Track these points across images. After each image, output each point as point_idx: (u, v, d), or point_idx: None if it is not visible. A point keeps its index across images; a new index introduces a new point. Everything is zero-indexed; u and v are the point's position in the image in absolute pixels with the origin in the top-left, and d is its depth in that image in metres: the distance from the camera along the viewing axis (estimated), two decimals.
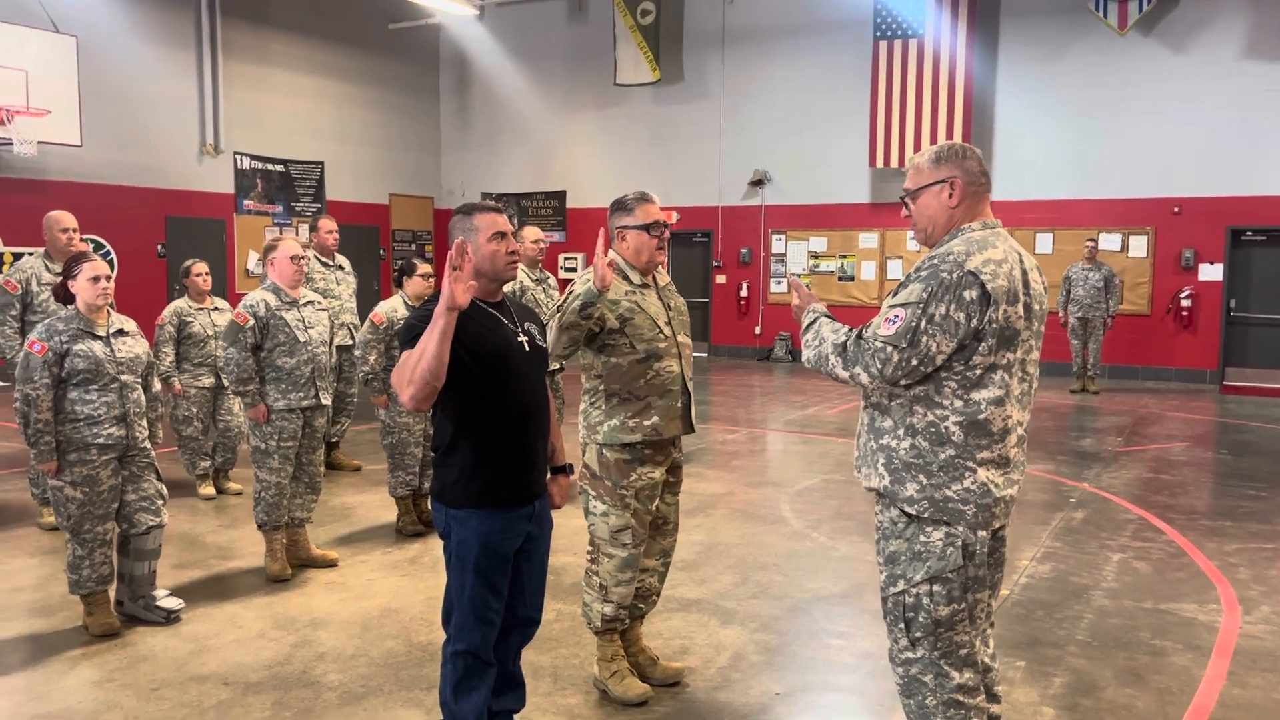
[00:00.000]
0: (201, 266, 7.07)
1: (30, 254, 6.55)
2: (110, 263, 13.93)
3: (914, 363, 2.66)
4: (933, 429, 2.73)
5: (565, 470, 3.40)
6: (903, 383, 2.73)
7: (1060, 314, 13.08)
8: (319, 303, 5.54)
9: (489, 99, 19.15)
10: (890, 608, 2.85)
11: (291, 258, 5.34)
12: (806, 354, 2.91)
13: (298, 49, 16.75)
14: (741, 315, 17.18)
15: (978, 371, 2.70)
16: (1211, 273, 14.09)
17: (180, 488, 7.24)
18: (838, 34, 15.83)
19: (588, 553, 3.95)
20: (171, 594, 4.78)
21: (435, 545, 6.00)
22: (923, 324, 2.65)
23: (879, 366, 2.69)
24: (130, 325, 4.67)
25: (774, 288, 16.86)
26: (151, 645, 4.41)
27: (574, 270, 17.60)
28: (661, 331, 3.83)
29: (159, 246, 14.70)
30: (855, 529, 6.42)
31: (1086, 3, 14.04)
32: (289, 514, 5.42)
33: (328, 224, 7.78)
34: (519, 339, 3.14)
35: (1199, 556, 5.89)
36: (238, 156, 15.86)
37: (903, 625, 2.81)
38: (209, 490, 7.03)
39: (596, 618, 3.92)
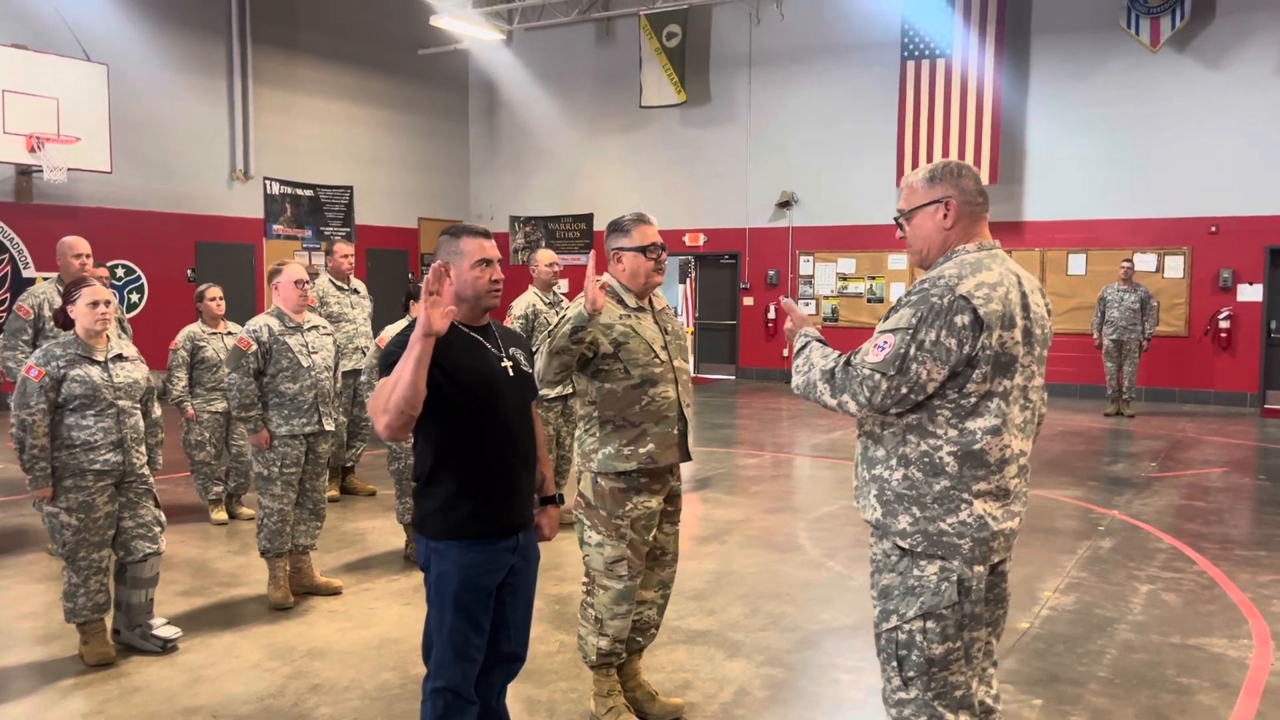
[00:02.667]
0: (215, 291, 7.06)
1: (46, 279, 6.56)
2: (140, 288, 14.09)
3: (904, 390, 2.54)
4: (926, 459, 2.60)
5: (554, 500, 3.30)
6: (893, 411, 2.61)
7: (1095, 336, 12.82)
8: (324, 327, 5.49)
9: (517, 122, 19.21)
10: (883, 645, 2.71)
11: (296, 282, 5.29)
12: (795, 380, 2.79)
13: (328, 75, 16.89)
14: (769, 337, 17.02)
15: (972, 399, 2.56)
16: (1251, 293, 13.76)
17: (193, 512, 7.22)
18: (865, 55, 15.71)
19: (583, 584, 3.84)
20: (169, 622, 4.72)
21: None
22: (912, 350, 2.52)
23: (867, 394, 2.56)
24: (130, 350, 4.63)
25: (800, 310, 16.64)
26: (146, 675, 4.34)
27: None
28: (657, 356, 3.72)
29: (189, 271, 14.81)
30: None
31: (1118, 20, 13.83)
32: (292, 541, 5.35)
33: (343, 248, 7.77)
34: (503, 365, 3.05)
35: (1231, 588, 5.67)
36: (267, 182, 15.98)
37: (895, 664, 2.67)
38: (221, 515, 6.99)
39: (592, 652, 3.80)
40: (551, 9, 17.62)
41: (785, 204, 16.62)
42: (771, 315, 16.89)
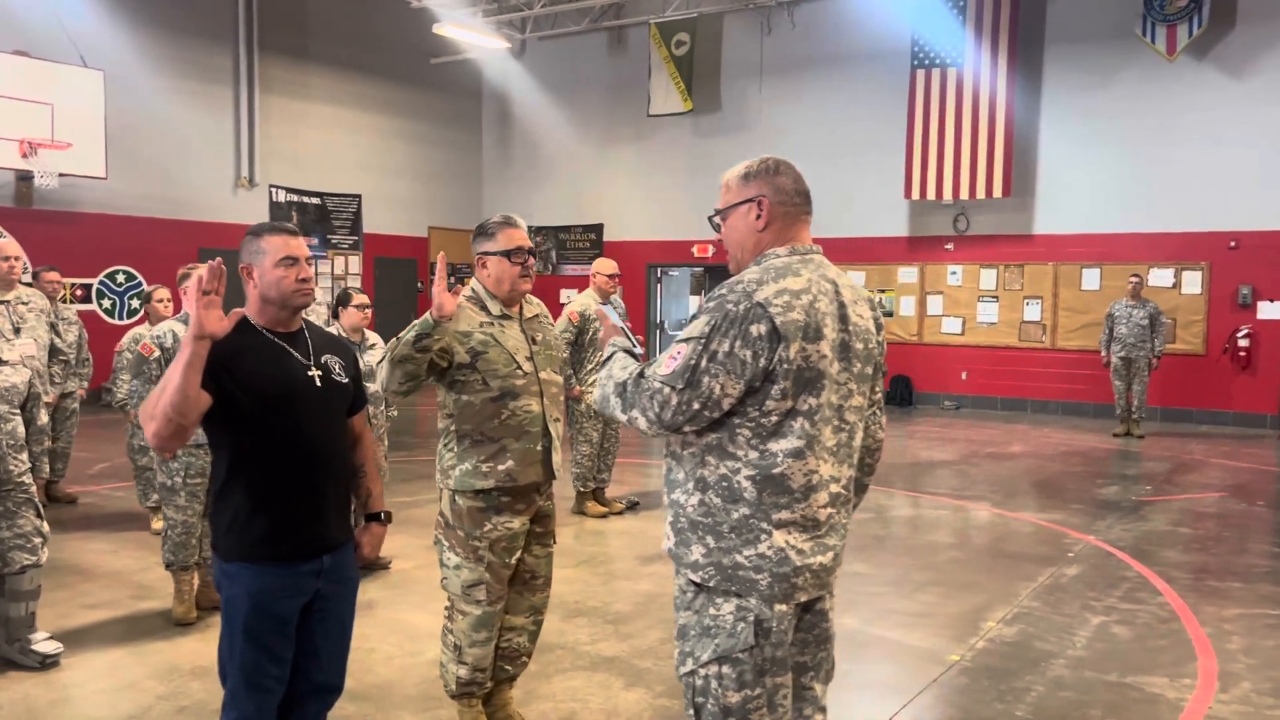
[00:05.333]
0: (163, 293, 6.94)
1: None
2: (141, 294, 14.09)
3: (696, 406, 2.29)
4: (725, 483, 2.35)
5: (379, 518, 3.08)
6: (686, 429, 2.36)
7: (1103, 354, 12.40)
8: None
9: (529, 132, 19.10)
10: (685, 690, 2.46)
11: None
12: (594, 394, 2.54)
13: (338, 83, 16.90)
14: None
15: (774, 418, 2.31)
16: (1271, 310, 13.23)
17: (137, 520, 7.09)
18: (875, 64, 15.40)
19: (444, 609, 3.63)
20: (52, 637, 4.56)
21: (362, 591, 5.72)
22: (703, 362, 2.27)
23: (656, 410, 2.32)
24: (13, 355, 4.50)
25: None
26: (11, 693, 4.18)
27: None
28: (519, 367, 3.50)
29: None
30: None
31: (1133, 28, 13.41)
32: (199, 554, 5.18)
33: None
34: (309, 373, 2.84)
35: (1191, 622, 5.32)
36: (273, 189, 15.99)
37: (692, 711, 2.42)
38: (159, 524, 6.85)
39: (451, 680, 3.59)
40: (564, 18, 17.50)
41: None
42: None
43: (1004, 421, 13.70)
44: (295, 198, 16.33)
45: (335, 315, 5.91)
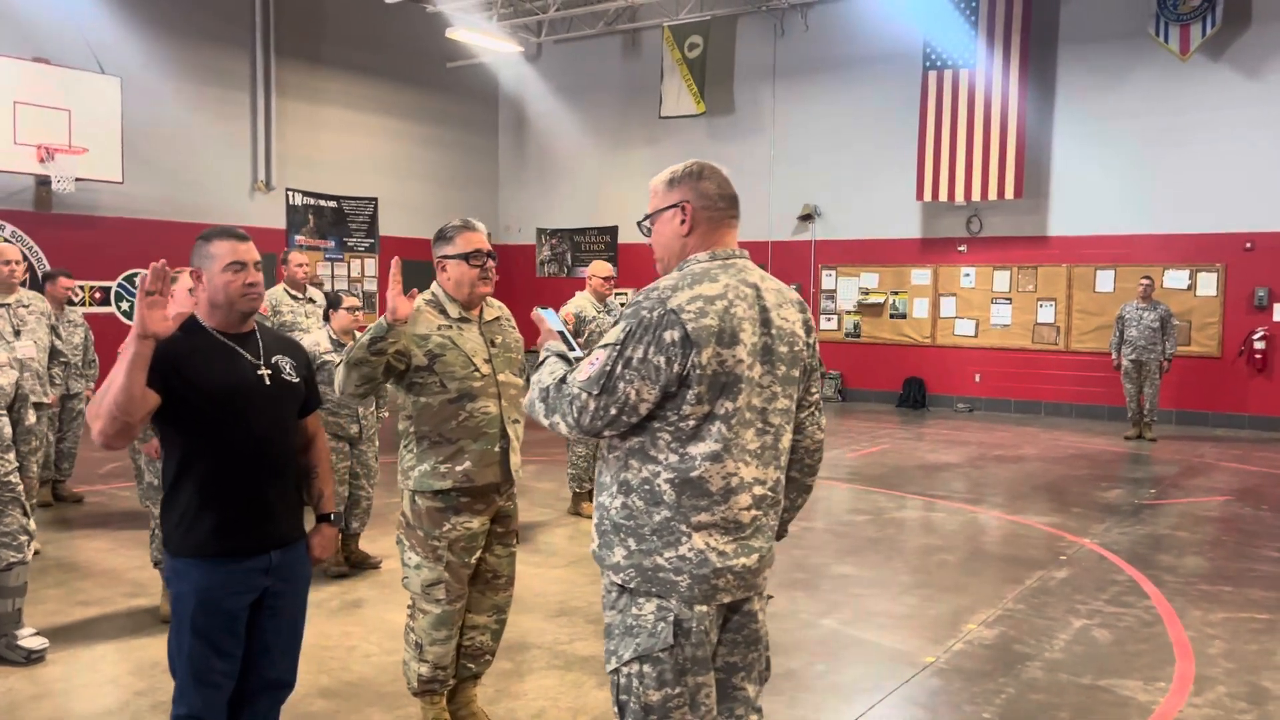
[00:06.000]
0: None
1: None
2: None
3: (613, 411, 2.33)
4: (647, 487, 2.39)
5: (330, 519, 3.14)
6: (607, 433, 2.40)
7: (1113, 356, 12.31)
8: None
9: (545, 135, 19.19)
10: (611, 688, 2.50)
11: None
12: (525, 399, 2.58)
13: (354, 87, 17.04)
14: None
15: (691, 422, 2.35)
16: None
17: (138, 519, 7.20)
18: (887, 66, 15.35)
19: (407, 608, 3.68)
20: (38, 633, 4.66)
21: (351, 589, 5.81)
22: (619, 368, 2.31)
23: (575, 415, 2.36)
24: (1, 356, 4.60)
25: (823, 324, 16.35)
26: None
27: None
28: (477, 370, 3.55)
29: None
30: (805, 582, 5.99)
31: (1146, 28, 13.30)
32: None
33: (298, 257, 7.74)
34: (259, 373, 2.90)
35: (1175, 626, 5.29)
36: (289, 193, 16.16)
37: (617, 709, 2.46)
38: None
39: (413, 678, 3.64)
40: (579, 21, 17.58)
41: (807, 217, 16.32)
42: None
43: (1016, 424, 13.62)
44: (312, 201, 16.50)
45: (326, 318, 5.99)
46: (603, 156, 18.46)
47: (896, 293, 15.74)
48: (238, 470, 2.82)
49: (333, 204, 16.82)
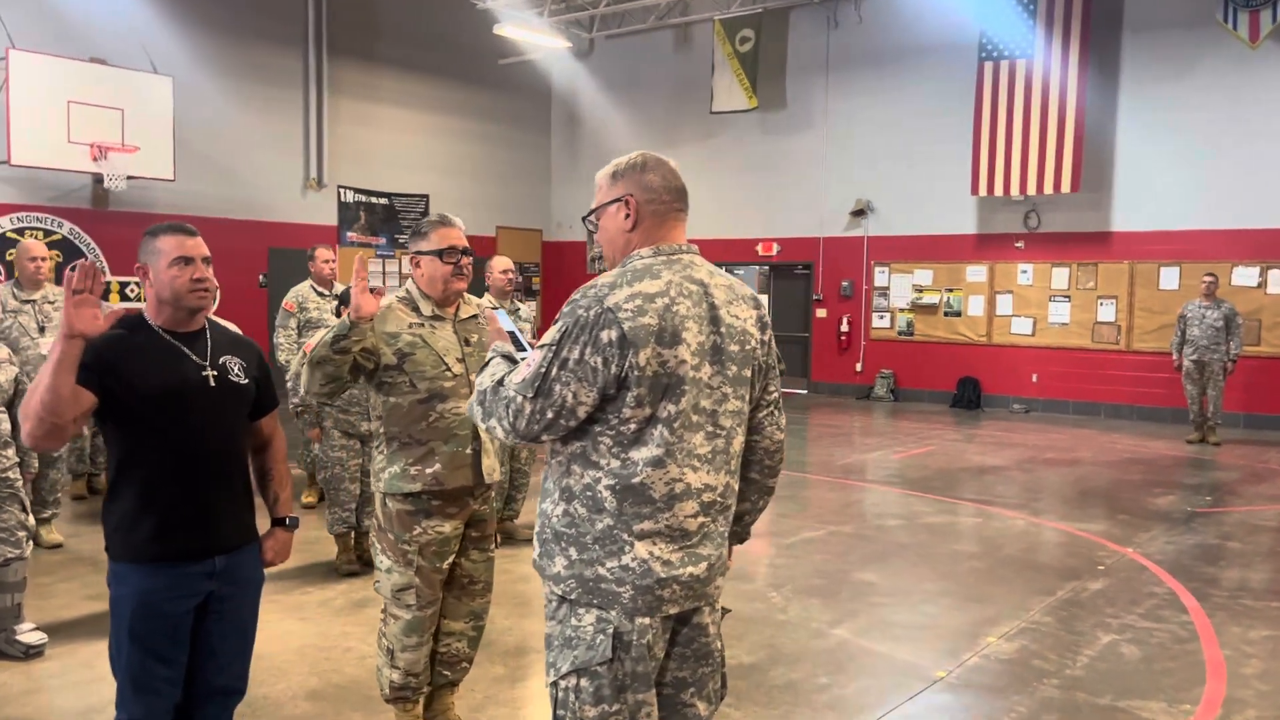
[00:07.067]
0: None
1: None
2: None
3: (550, 415, 2.20)
4: (589, 493, 2.26)
5: (284, 523, 3.05)
6: (546, 438, 2.27)
7: (1174, 357, 11.85)
8: None
9: (597, 132, 19.10)
10: (550, 701, 2.37)
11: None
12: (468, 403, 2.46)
13: (407, 85, 17.12)
14: (842, 351, 16.40)
15: (633, 426, 2.22)
16: None
17: None
18: (943, 57, 14.97)
19: (380, 613, 3.60)
20: (37, 628, 4.67)
21: (360, 587, 5.76)
22: (554, 370, 2.19)
23: (510, 419, 2.24)
24: (1, 352, 4.62)
25: (875, 323, 16.03)
26: None
27: None
28: (449, 369, 3.45)
29: (260, 277, 15.20)
30: (823, 589, 5.80)
31: (1214, 14, 12.76)
32: None
33: (324, 254, 7.73)
34: (204, 374, 2.82)
35: (1211, 643, 5.00)
36: (341, 190, 16.29)
37: None
38: None
39: (385, 684, 3.56)
40: (630, 16, 17.46)
41: (860, 212, 16.00)
42: (845, 328, 16.26)
43: (1074, 426, 13.19)
44: (363, 198, 16.62)
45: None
46: (655, 151, 18.21)
47: (951, 290, 15.36)
48: (178, 473, 2.75)
49: (384, 201, 16.92)
